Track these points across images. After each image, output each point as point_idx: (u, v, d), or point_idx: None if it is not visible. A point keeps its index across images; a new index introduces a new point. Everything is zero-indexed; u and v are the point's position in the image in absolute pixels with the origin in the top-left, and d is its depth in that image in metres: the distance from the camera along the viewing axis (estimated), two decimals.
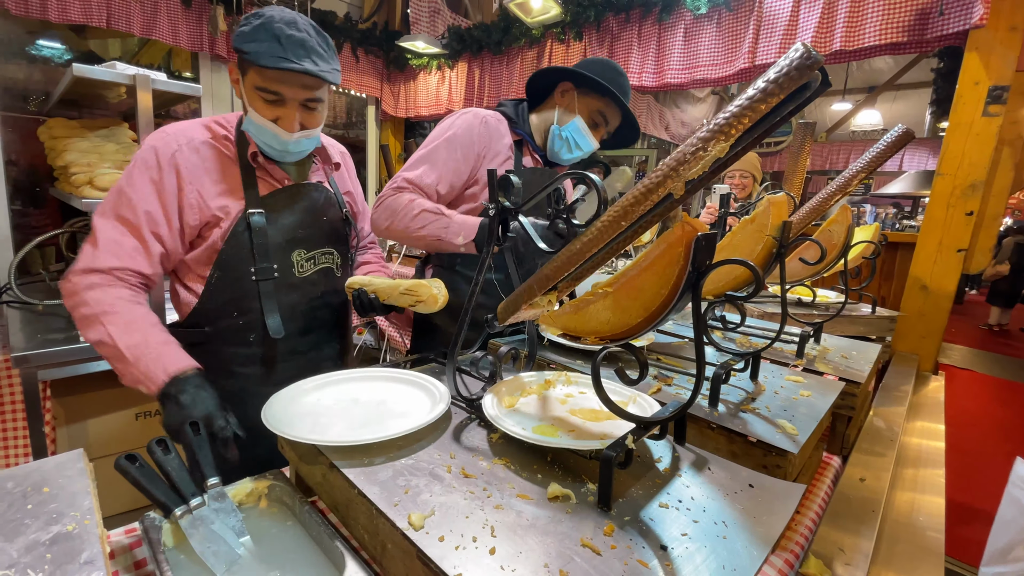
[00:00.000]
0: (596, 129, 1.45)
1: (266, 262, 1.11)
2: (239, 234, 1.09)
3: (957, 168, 1.74)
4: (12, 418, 1.84)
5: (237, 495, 0.70)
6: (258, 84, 1.04)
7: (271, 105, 1.05)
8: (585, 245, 0.62)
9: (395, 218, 1.27)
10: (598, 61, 1.43)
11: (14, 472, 0.61)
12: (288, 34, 1.01)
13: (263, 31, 1.00)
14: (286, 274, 1.16)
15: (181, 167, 1.05)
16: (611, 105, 1.41)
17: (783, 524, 0.58)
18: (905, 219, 5.98)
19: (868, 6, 2.00)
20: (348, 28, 3.77)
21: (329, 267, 1.25)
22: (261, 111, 1.06)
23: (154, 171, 1.04)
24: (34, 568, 0.48)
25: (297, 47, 1.01)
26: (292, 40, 1.01)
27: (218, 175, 1.09)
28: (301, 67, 1.00)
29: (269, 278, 1.12)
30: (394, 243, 3.65)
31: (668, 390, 0.93)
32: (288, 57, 1.00)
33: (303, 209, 1.18)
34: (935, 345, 1.80)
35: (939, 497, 0.93)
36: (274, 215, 1.13)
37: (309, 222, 1.19)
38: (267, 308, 1.12)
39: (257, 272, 1.11)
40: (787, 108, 0.54)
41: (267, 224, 1.11)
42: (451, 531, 0.54)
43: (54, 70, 3.57)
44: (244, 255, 1.10)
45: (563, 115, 1.43)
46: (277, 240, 1.13)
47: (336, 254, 1.27)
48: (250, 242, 1.09)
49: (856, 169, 1.12)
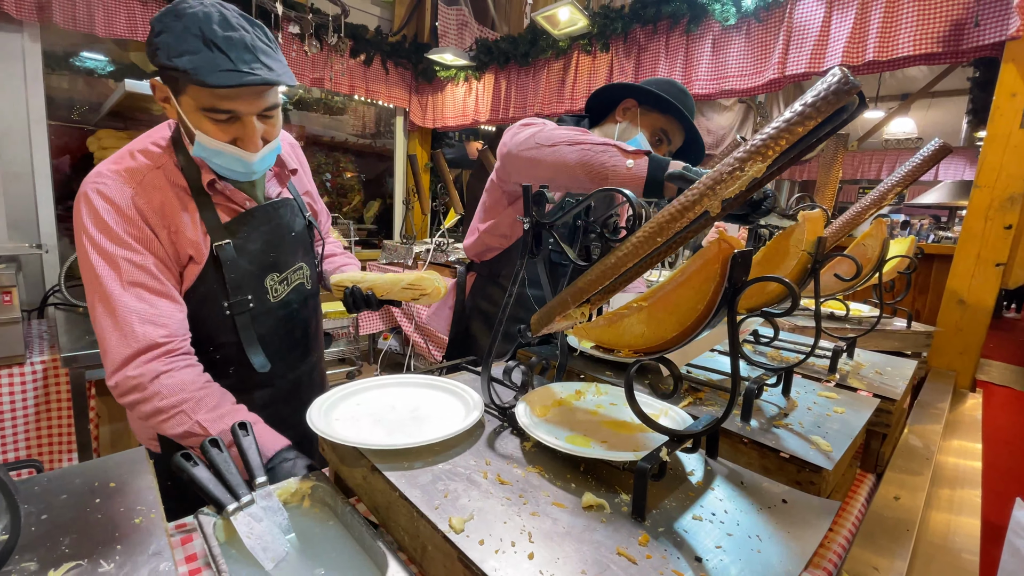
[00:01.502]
0: (659, 147, 1.44)
1: (240, 295, 1.01)
2: (206, 269, 0.98)
3: (995, 180, 1.70)
4: (59, 416, 1.94)
5: (282, 495, 0.73)
6: (204, 104, 0.87)
7: (225, 125, 0.90)
8: (620, 259, 0.64)
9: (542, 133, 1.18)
10: (663, 80, 1.41)
11: (82, 467, 0.66)
12: (224, 36, 0.83)
13: (191, 38, 0.82)
14: (261, 301, 1.06)
15: (145, 212, 0.92)
16: (674, 123, 1.39)
17: (818, 540, 0.58)
18: (941, 230, 5.80)
19: (902, 17, 1.98)
20: (378, 41, 3.87)
21: (301, 283, 1.17)
22: (213, 134, 0.90)
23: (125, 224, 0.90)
24: (105, 559, 0.51)
25: (242, 51, 0.84)
26: (232, 43, 0.83)
27: (177, 208, 0.95)
28: (258, 77, 0.84)
29: (245, 311, 1.03)
30: (420, 251, 3.71)
31: (696, 402, 0.93)
32: (238, 68, 0.83)
33: (271, 230, 1.07)
34: (973, 361, 1.76)
35: (975, 519, 0.91)
36: (241, 242, 1.01)
37: (277, 242, 1.08)
38: (246, 341, 1.03)
39: (232, 306, 1.01)
40: (824, 130, 0.55)
41: (236, 254, 1.00)
42: (490, 535, 0.56)
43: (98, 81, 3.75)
44: (215, 290, 1.00)
45: (625, 131, 1.41)
46: (248, 268, 1.03)
47: (306, 267, 1.18)
48: (220, 276, 0.99)
49: (891, 183, 1.11)
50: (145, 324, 0.89)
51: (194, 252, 0.97)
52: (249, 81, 0.83)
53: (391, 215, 4.98)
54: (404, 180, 4.69)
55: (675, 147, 1.47)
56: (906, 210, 7.00)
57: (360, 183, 5.36)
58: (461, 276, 1.67)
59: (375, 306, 1.16)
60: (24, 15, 2.47)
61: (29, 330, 2.15)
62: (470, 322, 1.63)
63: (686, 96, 1.41)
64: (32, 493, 0.61)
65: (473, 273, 1.66)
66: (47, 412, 1.91)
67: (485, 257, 1.59)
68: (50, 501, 0.59)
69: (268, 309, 1.08)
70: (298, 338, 1.18)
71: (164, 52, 0.83)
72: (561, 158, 1.12)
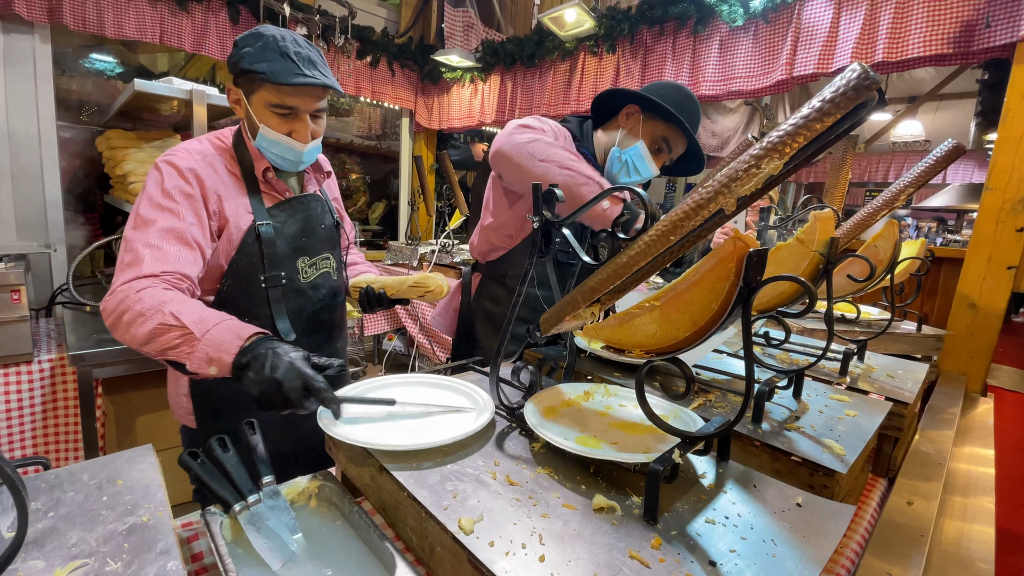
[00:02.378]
0: (658, 155, 1.43)
1: (275, 270, 1.17)
2: (249, 244, 1.14)
3: (1006, 183, 1.69)
4: (66, 414, 1.94)
5: (289, 494, 0.72)
6: (272, 101, 1.09)
7: (285, 120, 1.11)
8: (632, 258, 0.63)
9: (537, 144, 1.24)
10: (669, 85, 1.40)
11: (89, 465, 0.65)
12: (295, 51, 1.07)
13: (270, 51, 1.06)
14: (292, 280, 1.21)
15: (203, 179, 1.10)
16: (677, 132, 1.38)
17: (833, 544, 0.57)
18: (949, 233, 5.76)
19: (911, 18, 1.96)
20: (385, 43, 3.88)
21: (327, 271, 1.31)
22: (275, 127, 1.11)
23: (182, 183, 1.07)
24: (112, 557, 0.51)
25: (305, 62, 1.08)
26: (300, 57, 1.08)
27: (230, 187, 1.14)
28: (317, 80, 1.07)
29: (278, 285, 1.18)
30: (425, 252, 3.71)
31: (706, 404, 0.92)
32: (303, 72, 1.06)
33: (304, 219, 1.24)
34: (984, 366, 1.74)
35: (989, 526, 0.89)
36: (279, 225, 1.18)
37: (310, 230, 1.25)
38: (276, 313, 1.18)
39: (267, 280, 1.16)
40: (842, 126, 0.54)
41: (274, 234, 1.17)
42: (500, 537, 0.55)
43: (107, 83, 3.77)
44: (254, 264, 1.15)
45: (626, 138, 1.41)
46: (284, 249, 1.19)
47: (332, 258, 1.32)
48: (260, 252, 1.15)
49: (903, 184, 1.10)
50: (155, 260, 0.99)
51: (237, 226, 1.13)
52: (310, 82, 1.06)
53: (396, 216, 4.98)
54: (409, 181, 4.69)
55: (676, 155, 1.46)
56: (914, 213, 6.96)
57: (365, 184, 5.37)
58: (466, 277, 1.67)
59: (387, 304, 1.29)
60: (35, 17, 2.49)
61: (37, 329, 2.15)
62: (475, 323, 1.63)
63: (692, 102, 1.39)
64: (39, 490, 0.60)
65: (478, 274, 1.65)
66: (54, 410, 1.91)
67: (490, 257, 1.58)
68: (57, 498, 0.59)
69: (298, 288, 1.23)
70: (324, 321, 1.31)
71: (247, 60, 1.06)
72: (546, 175, 1.20)
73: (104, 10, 2.65)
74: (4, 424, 1.81)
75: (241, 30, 3.22)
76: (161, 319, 0.90)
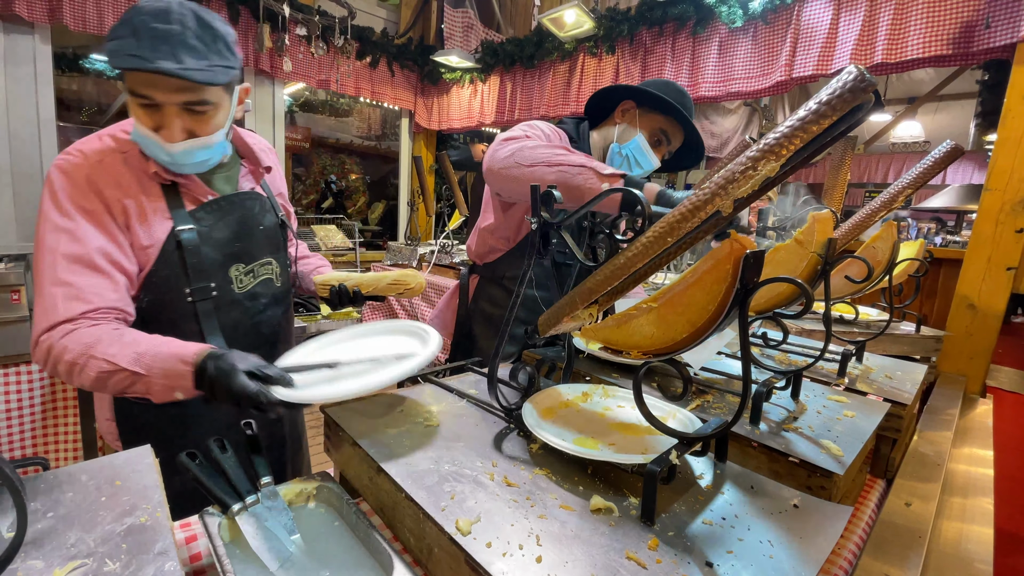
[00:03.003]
0: (658, 147, 1.43)
1: (202, 281, 1.03)
2: (168, 253, 0.99)
3: (1006, 184, 1.69)
4: (64, 414, 1.94)
5: (287, 494, 0.72)
6: (129, 87, 0.90)
7: (148, 111, 0.92)
8: (629, 260, 0.64)
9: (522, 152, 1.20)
10: (660, 82, 1.41)
11: (87, 465, 0.65)
12: (151, 27, 0.86)
13: (125, 25, 0.86)
14: (225, 291, 1.07)
15: (102, 187, 0.95)
16: (674, 124, 1.39)
17: (831, 545, 0.57)
18: (948, 234, 5.76)
19: (911, 19, 1.97)
20: (384, 43, 3.89)
21: (269, 278, 1.17)
22: (140, 119, 0.93)
23: (79, 197, 0.93)
24: (111, 558, 0.51)
25: (159, 42, 0.86)
26: (155, 33, 0.86)
27: (136, 191, 0.98)
28: (153, 66, 0.84)
29: (207, 298, 1.04)
30: (425, 252, 3.71)
31: (704, 405, 0.92)
32: (141, 55, 0.84)
33: (238, 221, 1.09)
34: (983, 367, 1.74)
35: (988, 527, 0.89)
36: (206, 230, 1.03)
37: (245, 234, 1.10)
38: (207, 329, 1.04)
39: (193, 292, 1.02)
40: (838, 129, 0.54)
41: (199, 241, 1.02)
42: (497, 538, 0.55)
43: (106, 83, 3.78)
44: (177, 276, 1.01)
45: (624, 132, 1.41)
46: (212, 256, 1.04)
47: (275, 263, 1.18)
48: (182, 261, 1.00)
49: (902, 185, 1.10)
50: (70, 300, 0.89)
51: (152, 234, 0.98)
52: (145, 67, 0.84)
53: (396, 217, 4.98)
54: (409, 181, 4.70)
55: (675, 147, 1.47)
56: (913, 214, 6.96)
57: (365, 184, 5.37)
58: (464, 278, 1.67)
59: (360, 302, 1.19)
60: (35, 17, 2.49)
61: None
62: (473, 324, 1.63)
63: (684, 96, 1.40)
64: (38, 491, 0.60)
65: (476, 275, 1.65)
66: (53, 411, 1.91)
67: (488, 259, 1.58)
68: (56, 499, 0.59)
69: (233, 300, 1.09)
70: (266, 335, 1.18)
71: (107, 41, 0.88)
72: (539, 179, 1.15)
73: (104, 10, 2.66)
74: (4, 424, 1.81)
75: (241, 31, 3.22)
76: (97, 367, 0.85)
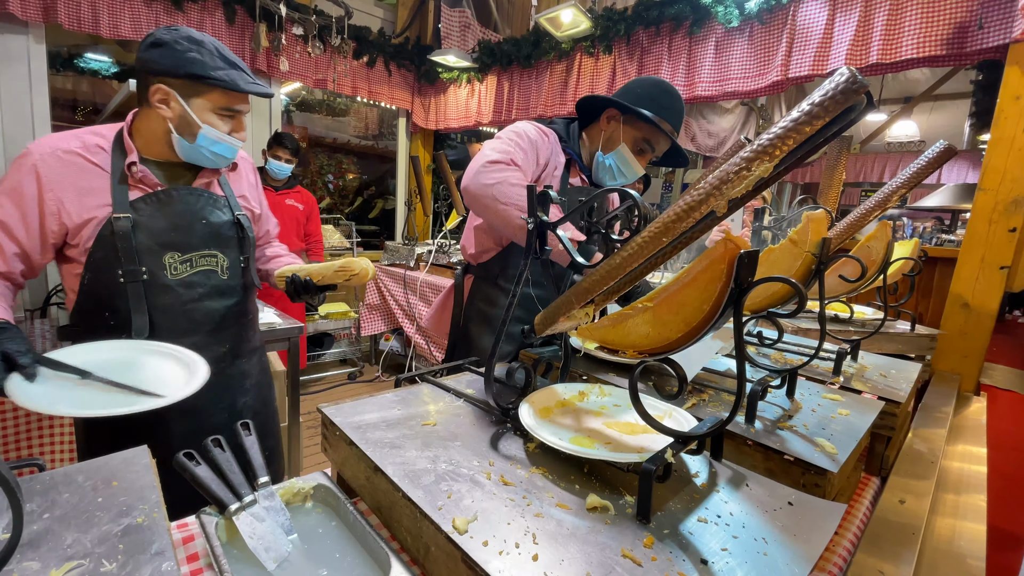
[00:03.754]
0: (642, 155, 1.44)
1: (133, 265, 1.16)
2: (104, 237, 1.13)
3: (999, 184, 1.70)
4: (60, 416, 1.93)
5: (285, 494, 0.72)
6: (223, 104, 1.16)
7: (228, 120, 1.19)
8: (625, 260, 0.64)
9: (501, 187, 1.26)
10: (649, 82, 1.41)
11: (84, 466, 0.65)
12: (233, 59, 1.16)
13: (219, 58, 1.13)
14: (156, 276, 1.19)
15: (42, 175, 1.10)
16: (658, 131, 1.39)
17: (824, 542, 0.58)
18: (944, 233, 5.79)
19: (905, 19, 1.98)
20: (381, 43, 3.88)
21: (211, 269, 1.27)
22: (219, 127, 1.18)
23: (13, 179, 1.10)
24: (108, 558, 0.51)
25: (246, 71, 1.19)
26: (240, 65, 1.17)
27: (83, 183, 1.14)
28: (262, 88, 1.18)
29: (137, 280, 1.17)
30: (422, 252, 3.71)
31: (700, 404, 0.93)
32: (254, 80, 1.19)
33: (176, 213, 1.21)
34: (977, 365, 1.75)
35: (980, 524, 0.90)
36: (144, 219, 1.17)
37: (183, 226, 1.22)
38: (135, 308, 1.17)
39: (125, 274, 1.15)
40: (831, 129, 0.54)
41: (135, 228, 1.16)
42: (494, 536, 0.56)
43: (101, 82, 3.76)
44: (111, 258, 1.14)
45: (607, 143, 1.43)
46: (147, 243, 1.17)
47: (221, 256, 1.29)
48: (114, 245, 1.14)
49: (896, 185, 1.11)
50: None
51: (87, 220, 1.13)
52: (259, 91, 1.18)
53: (393, 216, 4.98)
54: (406, 181, 4.69)
55: (660, 153, 1.47)
56: (909, 213, 6.99)
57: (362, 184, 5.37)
58: (459, 278, 1.67)
59: (315, 291, 1.28)
60: (30, 16, 2.48)
61: (32, 330, 2.15)
62: (469, 324, 1.63)
63: (672, 98, 1.39)
64: (34, 492, 0.60)
65: (471, 275, 1.65)
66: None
67: (482, 259, 1.58)
68: (52, 500, 0.59)
69: (165, 284, 1.21)
70: (198, 321, 1.27)
71: (199, 67, 1.10)
72: (507, 219, 1.26)
73: (99, 10, 2.65)
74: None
75: (237, 30, 3.21)
76: None
